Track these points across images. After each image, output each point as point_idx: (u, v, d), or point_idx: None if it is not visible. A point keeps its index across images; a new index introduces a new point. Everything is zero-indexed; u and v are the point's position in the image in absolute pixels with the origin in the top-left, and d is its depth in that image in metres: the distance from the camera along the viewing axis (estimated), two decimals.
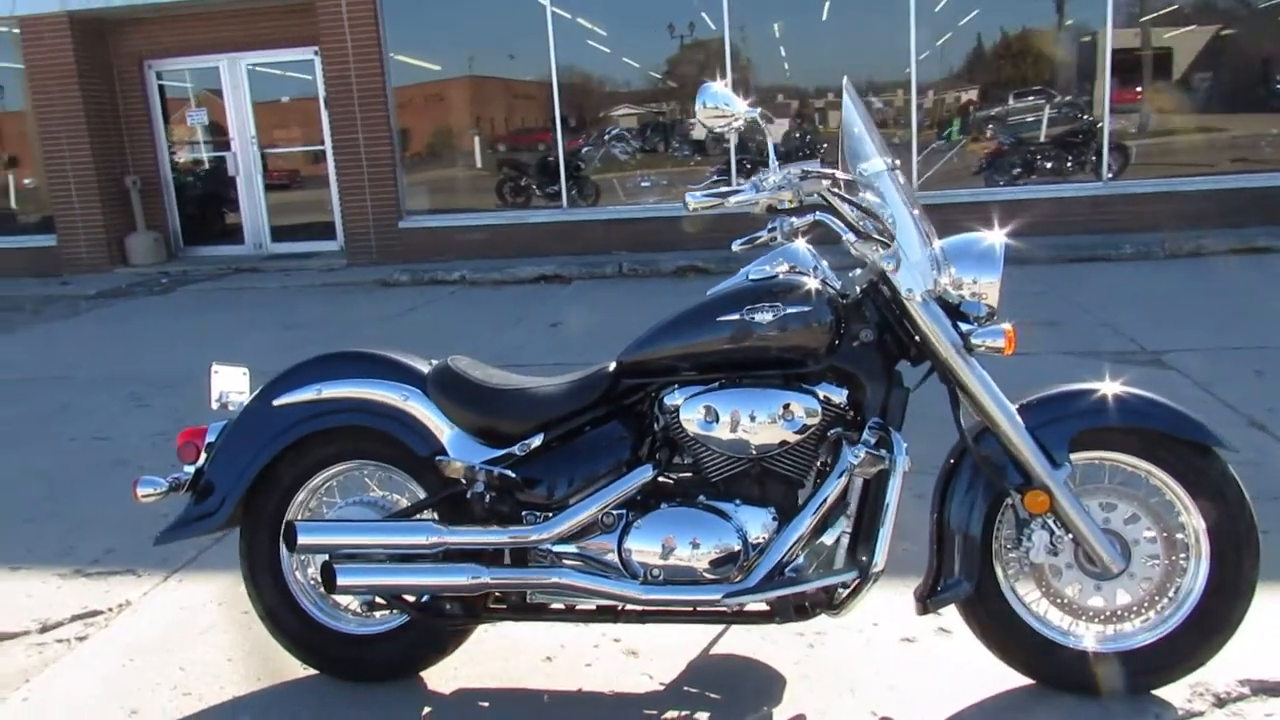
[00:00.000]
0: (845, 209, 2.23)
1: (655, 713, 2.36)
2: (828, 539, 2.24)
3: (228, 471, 2.48)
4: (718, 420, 2.24)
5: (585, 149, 11.40)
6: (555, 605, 2.39)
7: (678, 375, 2.33)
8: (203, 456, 2.52)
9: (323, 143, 11.41)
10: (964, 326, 2.24)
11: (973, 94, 10.74)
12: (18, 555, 3.52)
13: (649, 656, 2.60)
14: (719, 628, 2.63)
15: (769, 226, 2.55)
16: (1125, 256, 8.60)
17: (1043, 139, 10.42)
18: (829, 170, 2.20)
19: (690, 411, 2.26)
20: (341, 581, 2.31)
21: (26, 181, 12.07)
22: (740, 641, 2.63)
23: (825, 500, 2.23)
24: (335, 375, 2.47)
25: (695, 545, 2.25)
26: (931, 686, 2.40)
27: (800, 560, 2.25)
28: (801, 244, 2.44)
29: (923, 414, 2.39)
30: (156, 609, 3.07)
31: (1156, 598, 2.27)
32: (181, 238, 12.11)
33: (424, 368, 2.49)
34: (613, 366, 2.39)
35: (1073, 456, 2.25)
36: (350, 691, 2.52)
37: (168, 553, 3.22)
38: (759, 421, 2.22)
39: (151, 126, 11.76)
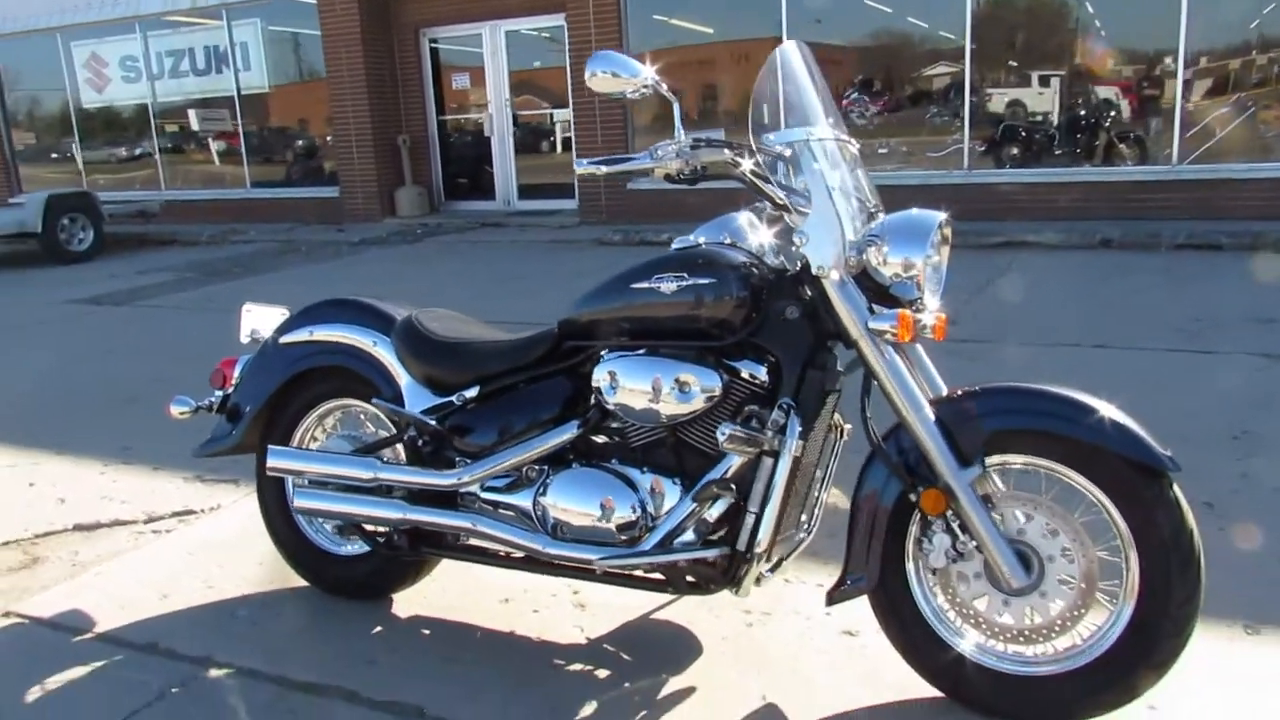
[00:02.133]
0: (759, 180, 2.16)
1: (562, 663, 2.46)
2: (710, 515, 2.21)
3: (245, 399, 2.83)
4: (617, 386, 2.27)
5: None
6: (494, 550, 2.53)
7: (611, 340, 2.37)
8: (231, 384, 2.90)
9: (568, 106, 11.98)
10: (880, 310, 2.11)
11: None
12: (166, 458, 4.16)
13: (594, 611, 2.68)
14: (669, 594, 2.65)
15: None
16: None
17: None
18: (728, 140, 2.14)
19: (599, 376, 2.30)
20: (297, 503, 2.59)
21: (326, 139, 13.64)
22: (684, 610, 2.64)
23: (719, 476, 2.20)
24: (326, 319, 2.74)
25: (597, 507, 2.30)
26: (840, 680, 2.31)
27: (689, 534, 2.24)
28: (744, 214, 2.39)
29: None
30: (236, 515, 3.54)
31: (1070, 623, 2.04)
32: (443, 193, 13.25)
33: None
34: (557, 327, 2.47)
35: (996, 459, 2.07)
36: (331, 604, 2.81)
37: None
38: (656, 391, 2.22)
39: (423, 89, 12.90)
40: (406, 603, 2.80)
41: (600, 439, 2.43)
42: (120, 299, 8.44)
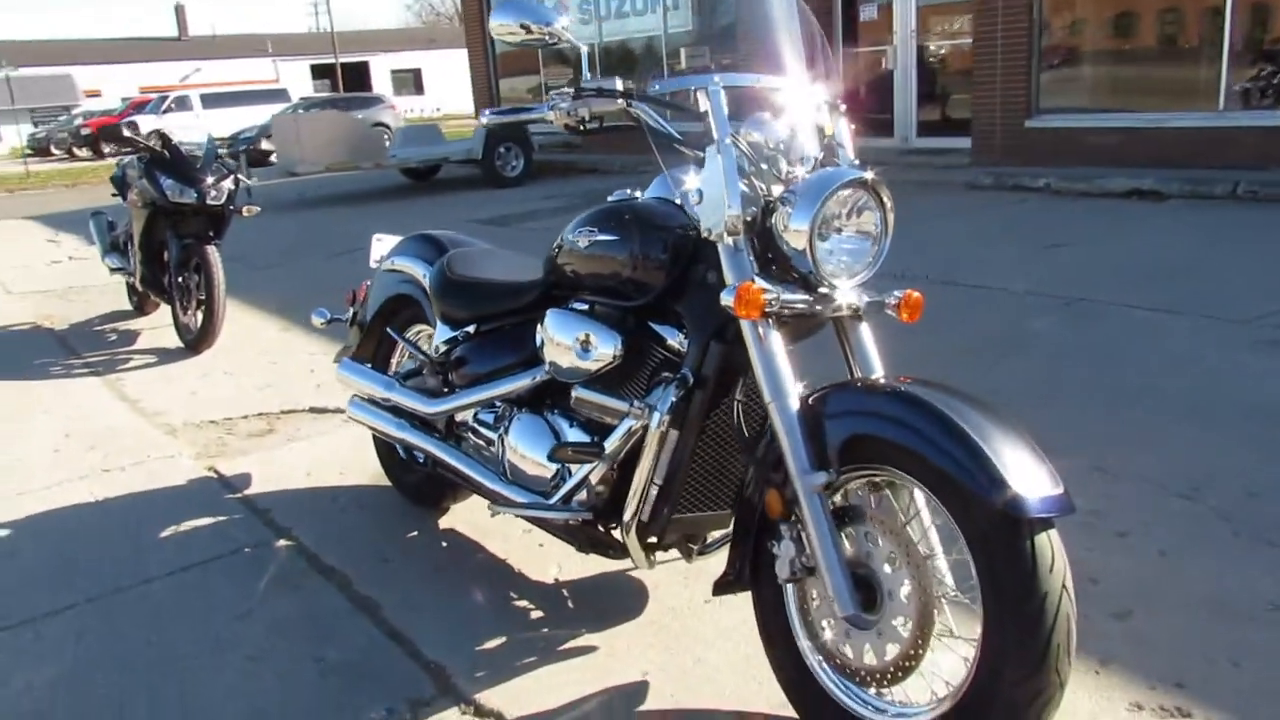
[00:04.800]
0: (658, 132, 2.01)
1: (515, 596, 2.56)
2: (593, 478, 2.15)
3: (363, 316, 3.24)
4: (545, 339, 2.27)
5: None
6: None
7: (577, 291, 2.36)
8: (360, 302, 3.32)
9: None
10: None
11: None
12: None
13: (591, 557, 2.70)
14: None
15: None
16: None
17: None
18: (625, 88, 2.00)
19: (540, 327, 2.31)
20: (348, 411, 2.94)
21: None
22: (658, 575, 2.58)
23: (575, 440, 2.16)
24: (404, 251, 3.03)
25: (530, 453, 2.35)
26: (736, 678, 2.14)
27: (583, 494, 2.20)
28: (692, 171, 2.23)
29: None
30: None
31: (901, 674, 1.70)
32: None
33: None
34: None
35: (863, 470, 1.77)
36: (402, 506, 3.16)
37: None
38: (567, 348, 2.19)
39: (831, 22, 12.64)
40: (454, 515, 3.06)
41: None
42: (510, 220, 9.62)
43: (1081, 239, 6.56)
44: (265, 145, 18.39)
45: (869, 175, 1.89)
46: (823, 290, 1.90)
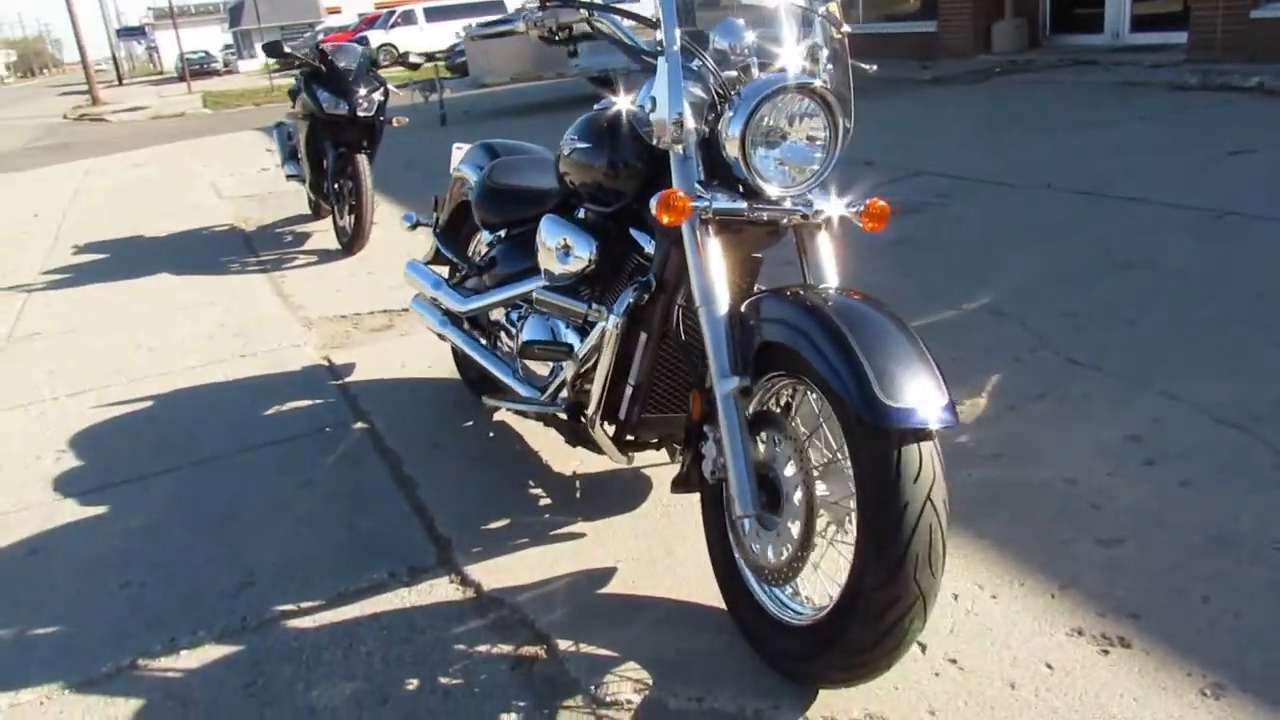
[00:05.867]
0: (620, 41, 2.05)
1: (532, 484, 2.76)
2: (569, 376, 2.27)
3: (441, 221, 3.47)
4: (539, 245, 2.38)
5: None
6: None
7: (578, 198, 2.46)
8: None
9: None
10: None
11: None
12: None
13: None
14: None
15: None
16: None
17: None
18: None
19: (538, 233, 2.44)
20: (411, 306, 3.19)
21: None
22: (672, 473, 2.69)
23: (584, 345, 2.25)
24: (468, 159, 3.21)
25: (528, 349, 2.50)
26: (702, 579, 2.24)
27: (565, 392, 2.33)
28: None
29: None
30: None
31: (790, 573, 1.74)
32: (1048, 25, 12.01)
33: None
34: None
35: (777, 376, 1.81)
36: (468, 399, 3.40)
37: None
38: (552, 251, 2.30)
39: None
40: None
41: None
42: None
43: (1274, 145, 5.86)
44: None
45: (816, 82, 1.86)
46: (772, 198, 1.91)
